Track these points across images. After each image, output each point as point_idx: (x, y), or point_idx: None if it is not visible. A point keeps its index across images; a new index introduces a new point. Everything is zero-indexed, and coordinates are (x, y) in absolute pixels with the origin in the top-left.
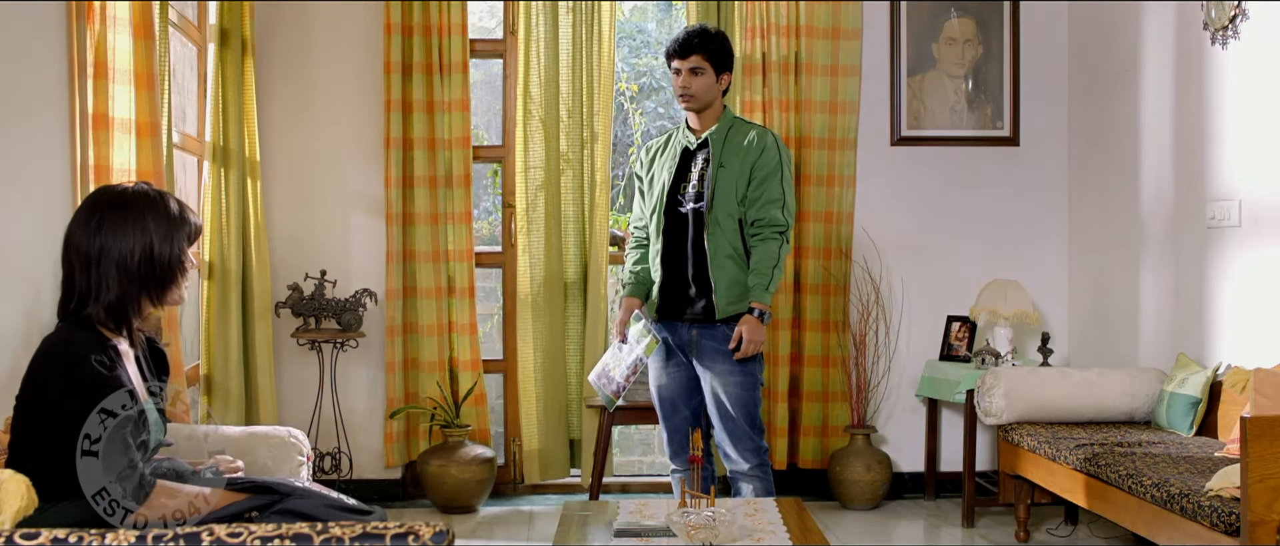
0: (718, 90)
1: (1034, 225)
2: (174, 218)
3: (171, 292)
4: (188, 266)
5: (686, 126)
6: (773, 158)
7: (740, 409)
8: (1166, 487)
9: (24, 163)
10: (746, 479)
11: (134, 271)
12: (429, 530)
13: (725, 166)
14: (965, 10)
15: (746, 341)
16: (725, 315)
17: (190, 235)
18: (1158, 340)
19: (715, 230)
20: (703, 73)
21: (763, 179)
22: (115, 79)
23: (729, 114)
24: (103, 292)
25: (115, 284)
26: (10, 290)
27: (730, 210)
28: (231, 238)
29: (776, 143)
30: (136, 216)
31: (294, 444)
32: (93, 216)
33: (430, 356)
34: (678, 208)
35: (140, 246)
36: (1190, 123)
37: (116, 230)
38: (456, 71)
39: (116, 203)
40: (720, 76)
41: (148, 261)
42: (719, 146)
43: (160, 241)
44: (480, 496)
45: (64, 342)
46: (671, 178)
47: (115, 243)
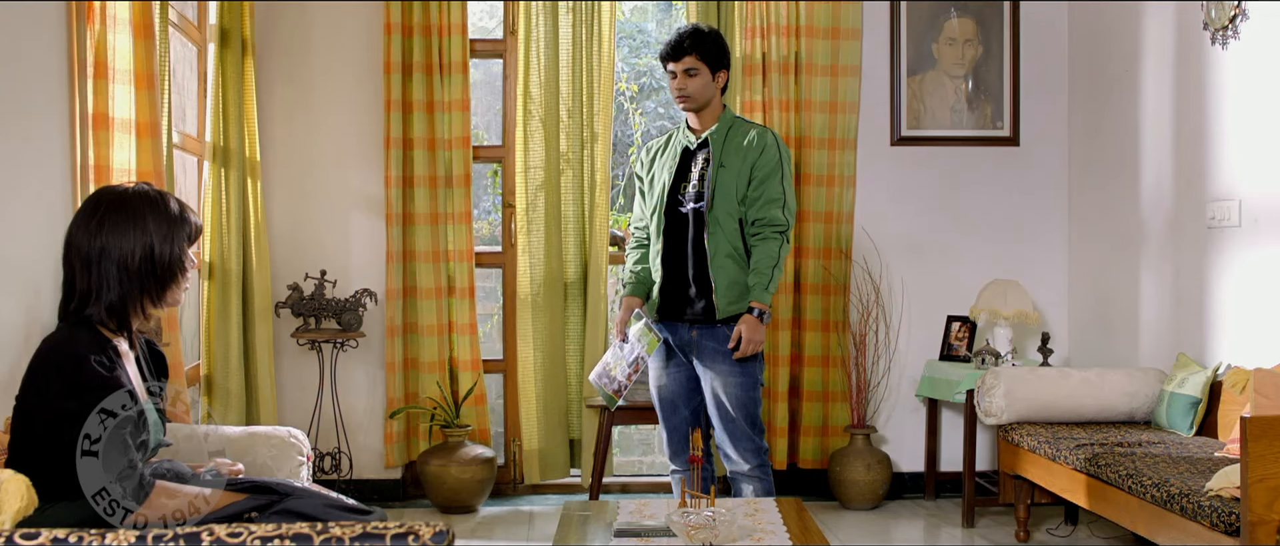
0: (715, 89)
1: (1034, 225)
2: (174, 218)
3: (172, 293)
4: (188, 266)
5: (686, 126)
6: (773, 157)
7: (740, 409)
8: (1166, 487)
9: (24, 163)
10: (747, 479)
11: (134, 272)
12: (429, 530)
13: (725, 166)
14: (965, 10)
15: (745, 341)
16: (725, 315)
17: (190, 235)
18: (1158, 340)
19: (715, 230)
20: (698, 73)
21: (763, 178)
22: (115, 79)
23: (729, 113)
24: (103, 293)
25: (116, 284)
26: (10, 290)
27: (730, 210)
28: (232, 238)
29: (777, 142)
30: (137, 217)
31: (294, 444)
32: (93, 217)
33: (430, 356)
34: (678, 208)
35: (141, 247)
36: (1190, 123)
37: (117, 230)
38: (456, 71)
39: (117, 203)
40: (716, 75)
41: (148, 262)
42: (719, 146)
43: (160, 242)
44: (480, 496)
45: (64, 342)
46: (672, 178)
47: (116, 243)
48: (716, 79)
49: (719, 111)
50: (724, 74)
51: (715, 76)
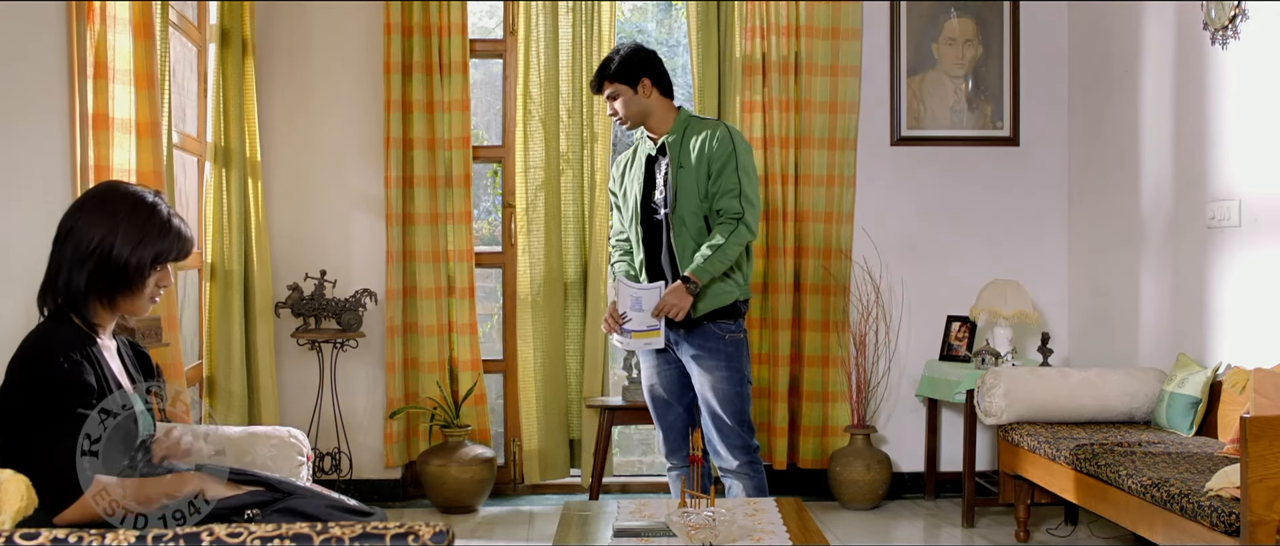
0: (647, 100)
1: (1034, 225)
2: (150, 228)
3: (126, 300)
4: (149, 280)
5: (646, 135)
6: (727, 149)
7: (727, 407)
8: (1166, 487)
9: (24, 163)
10: (735, 477)
11: (83, 260)
12: (429, 530)
13: (683, 166)
14: (965, 10)
15: (661, 302)
16: (702, 313)
17: (162, 252)
18: (1158, 340)
19: (681, 230)
20: (619, 94)
21: (719, 171)
22: (115, 79)
23: (684, 114)
24: (58, 275)
25: (66, 268)
26: (10, 290)
27: (694, 209)
28: (233, 238)
29: (730, 134)
30: (113, 213)
31: (294, 444)
32: (82, 201)
33: (430, 356)
34: (653, 215)
35: (101, 239)
36: (1190, 123)
37: (91, 218)
38: (456, 71)
39: (106, 195)
40: (638, 88)
41: (103, 257)
42: (676, 148)
43: (123, 243)
44: (480, 496)
45: (41, 338)
46: (641, 187)
47: (83, 229)
48: (640, 91)
49: (671, 115)
50: (647, 82)
51: (637, 90)
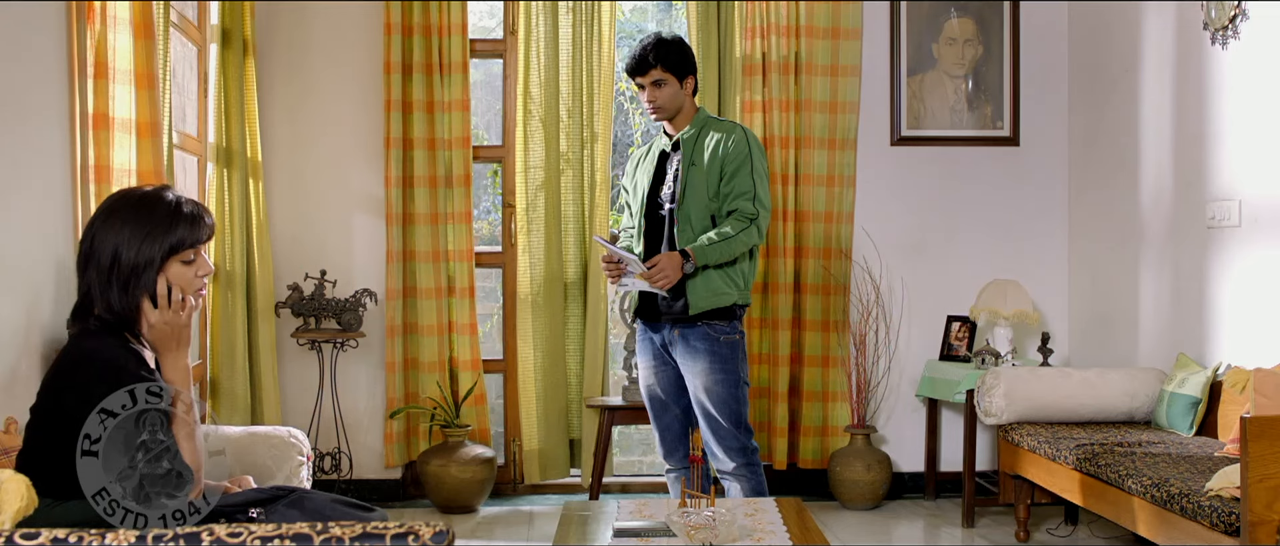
0: (685, 95)
1: (1034, 225)
2: (152, 223)
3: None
4: (169, 276)
5: (664, 131)
6: (742, 151)
7: (723, 408)
8: (1166, 487)
9: (24, 163)
10: (732, 478)
11: (107, 278)
12: (429, 530)
13: (696, 164)
14: (965, 10)
15: (654, 265)
16: (698, 311)
17: (175, 244)
18: (1158, 340)
19: (685, 226)
20: (665, 83)
21: (732, 173)
22: (115, 79)
23: (702, 114)
24: (91, 298)
25: (97, 290)
26: (10, 290)
27: (702, 207)
28: (235, 238)
29: (746, 137)
30: (120, 220)
31: (294, 444)
32: (91, 220)
33: (430, 356)
34: (658, 210)
35: (111, 247)
36: (1190, 123)
37: (101, 233)
38: (456, 71)
39: (111, 207)
40: (684, 82)
41: (114, 263)
42: (691, 146)
43: (127, 245)
44: (480, 496)
45: (102, 349)
46: (650, 181)
47: (98, 247)
48: (685, 86)
49: (692, 114)
50: (692, 79)
51: (682, 83)
